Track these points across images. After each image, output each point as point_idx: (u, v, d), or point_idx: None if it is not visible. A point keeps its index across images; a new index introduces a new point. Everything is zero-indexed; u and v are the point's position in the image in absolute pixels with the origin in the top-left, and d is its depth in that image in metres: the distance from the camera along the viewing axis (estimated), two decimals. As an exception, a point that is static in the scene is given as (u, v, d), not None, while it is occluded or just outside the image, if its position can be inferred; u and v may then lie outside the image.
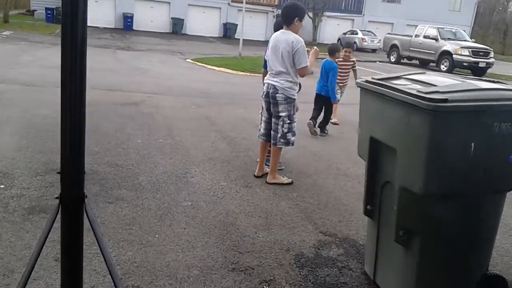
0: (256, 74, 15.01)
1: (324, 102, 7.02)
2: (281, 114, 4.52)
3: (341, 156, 5.99)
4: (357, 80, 2.92)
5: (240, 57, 19.35)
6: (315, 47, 4.81)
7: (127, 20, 29.66)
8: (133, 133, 6.18)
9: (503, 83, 2.73)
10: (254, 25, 32.71)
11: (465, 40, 20.93)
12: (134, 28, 29.77)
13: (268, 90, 4.55)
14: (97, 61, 12.74)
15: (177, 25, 31.14)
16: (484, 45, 22.66)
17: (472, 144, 2.38)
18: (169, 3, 31.62)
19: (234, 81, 13.21)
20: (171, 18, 31.39)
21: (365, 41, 31.91)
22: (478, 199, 2.55)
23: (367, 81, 2.82)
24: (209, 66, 16.02)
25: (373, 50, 31.47)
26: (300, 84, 4.72)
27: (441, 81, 2.57)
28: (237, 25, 31.56)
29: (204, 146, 5.88)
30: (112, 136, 5.90)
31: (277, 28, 4.89)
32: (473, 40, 22.33)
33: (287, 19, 4.43)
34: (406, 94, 2.39)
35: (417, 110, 2.32)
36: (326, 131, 7.20)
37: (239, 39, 19.98)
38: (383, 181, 2.79)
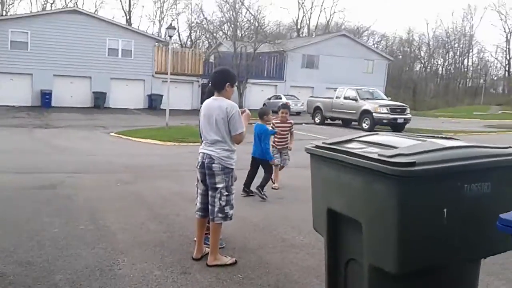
0: (184, 144, 14.61)
1: (261, 164, 6.92)
2: (218, 185, 4.13)
3: (284, 225, 5.59)
4: (305, 146, 2.60)
5: (167, 127, 18.98)
6: (246, 110, 4.52)
7: (45, 97, 28.36)
8: (49, 221, 5.39)
9: (457, 139, 2.54)
10: (179, 95, 32.75)
11: (382, 99, 22.20)
12: (53, 104, 28.47)
13: (204, 160, 4.18)
14: (11, 141, 11.71)
15: (99, 99, 30.33)
16: (391, 99, 24.25)
17: (445, 210, 2.10)
18: (90, 77, 30.93)
19: (162, 153, 12.69)
20: (93, 92, 30.59)
21: (289, 105, 33.06)
22: (457, 270, 2.24)
23: (317, 147, 2.51)
24: (135, 139, 15.40)
25: (298, 113, 32.52)
26: None
27: (399, 142, 2.32)
28: (162, 95, 31.41)
29: (133, 229, 5.23)
30: (23, 227, 5.08)
31: (209, 95, 4.60)
32: (390, 98, 23.77)
33: (218, 85, 4.18)
34: (366, 159, 2.09)
35: (381, 177, 2.01)
36: (265, 196, 6.80)
37: (165, 109, 19.69)
38: (346, 258, 2.42)
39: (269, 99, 35.45)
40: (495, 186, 2.18)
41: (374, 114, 20.00)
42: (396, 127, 20.23)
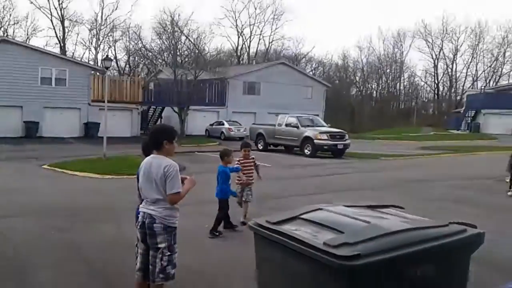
0: (124, 176, 14.04)
1: (219, 202, 7.24)
2: (159, 245, 3.96)
3: (230, 273, 5.39)
4: (249, 223, 2.53)
5: (105, 158, 18.22)
6: (192, 176, 4.37)
7: (-30, 128, 26.62)
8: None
9: (402, 211, 2.57)
10: (118, 123, 31.87)
11: (322, 126, 22.78)
12: (-20, 136, 26.75)
13: (144, 220, 4.02)
14: None
15: (31, 128, 28.91)
16: (336, 126, 24.98)
17: (391, 297, 2.09)
18: (21, 107, 29.48)
19: (100, 188, 12.09)
20: (24, 122, 29.15)
21: (232, 131, 33.21)
22: None
23: (261, 226, 2.44)
24: (70, 172, 14.57)
25: (241, 138, 32.62)
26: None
27: (343, 223, 2.30)
28: (99, 123, 30.41)
29: (69, 291, 4.86)
30: None
31: (145, 147, 4.57)
32: (329, 125, 24.41)
33: (155, 144, 4.09)
34: (312, 248, 2.05)
35: (326, 268, 1.98)
36: (217, 233, 7.02)
37: (102, 137, 18.98)
38: None
39: (211, 125, 35.45)
40: (437, 267, 2.21)
41: (315, 141, 20.49)
42: (337, 152, 20.81)
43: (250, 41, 65.09)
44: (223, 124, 34.29)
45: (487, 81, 65.62)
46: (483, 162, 19.02)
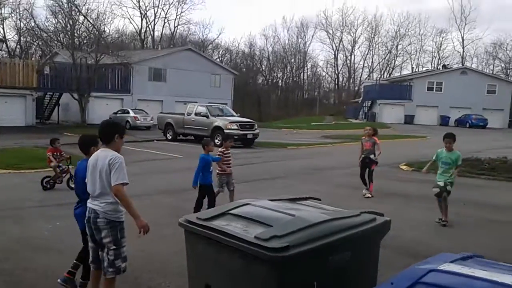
0: (22, 171, 13.11)
1: (206, 189, 7.49)
2: (104, 240, 3.97)
3: (150, 270, 5.38)
4: (179, 220, 2.60)
5: (-1, 150, 16.80)
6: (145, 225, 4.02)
7: None
8: None
9: (320, 203, 2.81)
10: (10, 110, 29.53)
11: (232, 115, 23.01)
12: None
13: (90, 215, 4.04)
14: None
15: None
16: (243, 115, 25.42)
17: (315, 283, 2.31)
18: None
19: (-4, 185, 11.15)
20: None
21: (138, 119, 32.13)
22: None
23: (191, 223, 2.53)
24: (-45, 168, 13.25)
25: (147, 128, 31.85)
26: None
27: (272, 218, 2.46)
28: (-15, 111, 27.95)
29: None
30: None
31: (81, 144, 4.69)
32: (238, 114, 24.72)
33: (106, 137, 4.10)
34: (244, 242, 2.20)
35: (259, 260, 2.14)
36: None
37: (-9, 127, 17.41)
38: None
39: (115, 113, 33.88)
40: (353, 252, 2.48)
41: (225, 131, 20.61)
42: (246, 142, 21.17)
43: (154, 24, 63.11)
44: (128, 113, 32.97)
45: (382, 72, 70.96)
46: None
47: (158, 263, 5.52)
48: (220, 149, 8.40)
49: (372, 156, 9.44)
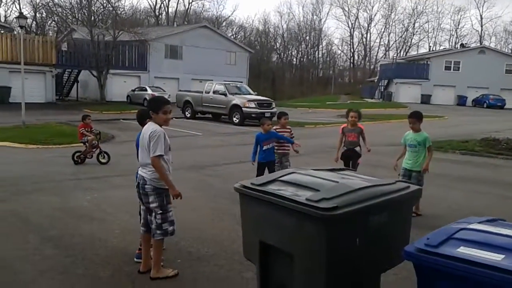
0: (50, 146, 13.63)
1: (268, 166, 7.33)
2: (151, 205, 4.36)
3: (185, 237, 5.78)
4: (235, 186, 2.94)
5: (24, 126, 17.36)
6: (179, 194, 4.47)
7: None
8: None
9: (356, 173, 3.13)
10: (30, 87, 29.87)
11: (249, 94, 23.30)
12: None
13: (139, 181, 4.44)
14: None
15: None
16: (258, 93, 25.59)
17: (357, 239, 2.65)
18: None
19: (27, 158, 11.69)
20: None
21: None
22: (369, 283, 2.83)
23: (245, 187, 2.87)
24: (-14, 142, 13.80)
25: (164, 105, 32.24)
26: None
27: (318, 183, 2.79)
28: (10, 87, 28.51)
29: (29, 256, 4.98)
30: None
31: (139, 118, 5.03)
32: (256, 93, 24.95)
33: (147, 115, 4.52)
34: (297, 203, 2.53)
35: (310, 218, 2.47)
36: None
37: (15, 103, 17.89)
38: (277, 284, 2.85)
39: (133, 90, 34.33)
40: (390, 215, 2.81)
41: (243, 109, 20.94)
42: (264, 121, 21.42)
43: (168, 1, 63.11)
44: (146, 90, 33.32)
45: (398, 51, 70.18)
46: (396, 130, 20.79)
47: (195, 231, 5.92)
48: (273, 128, 7.77)
49: (358, 149, 7.64)
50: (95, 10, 34.14)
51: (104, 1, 34.16)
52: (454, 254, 2.20)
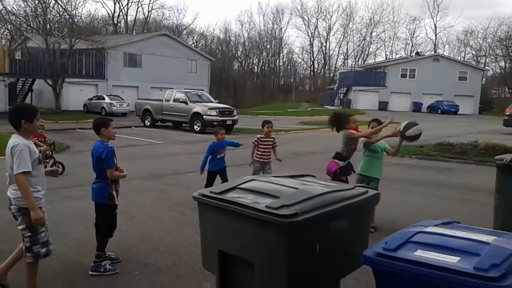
0: (1, 157, 13.07)
1: (220, 174, 7.41)
2: (19, 227, 3.96)
3: (144, 247, 5.64)
4: (193, 194, 2.87)
5: (-25, 138, 16.56)
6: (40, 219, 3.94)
7: None
8: None
9: (316, 179, 3.12)
10: (-18, 96, 28.83)
11: (210, 101, 23.16)
12: None
13: (9, 203, 4.02)
14: None
15: None
16: (220, 100, 25.52)
17: (318, 245, 2.64)
18: None
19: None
20: None
21: (114, 106, 31.78)
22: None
23: (204, 195, 2.80)
24: None
25: (123, 114, 31.60)
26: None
27: (278, 190, 2.76)
28: (-41, 98, 27.24)
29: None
30: None
31: (95, 127, 4.90)
32: (217, 101, 24.85)
33: (14, 124, 3.90)
34: (257, 210, 2.49)
35: (271, 226, 2.44)
36: None
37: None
38: (237, 293, 2.79)
39: (91, 99, 33.49)
40: (349, 220, 2.82)
41: (204, 117, 20.79)
42: (226, 128, 21.28)
43: (127, 8, 61.91)
44: (103, 99, 32.55)
45: (356, 59, 71.92)
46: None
47: (154, 241, 5.78)
48: (258, 135, 7.78)
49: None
50: (51, 18, 33.15)
51: (61, 9, 33.28)
52: (412, 257, 2.22)
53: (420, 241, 2.35)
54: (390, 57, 69.77)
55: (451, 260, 2.15)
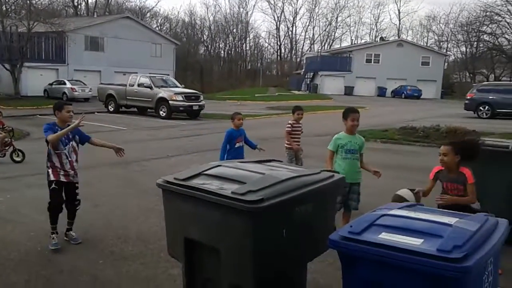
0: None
1: None
2: None
3: (108, 236, 5.51)
4: (157, 181, 2.80)
5: None
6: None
7: None
8: None
9: (282, 163, 3.11)
10: None
11: (176, 86, 22.79)
12: None
13: None
14: None
15: None
16: (186, 86, 25.18)
17: (284, 230, 2.63)
18: None
19: None
20: None
21: (76, 91, 30.89)
22: (296, 274, 2.82)
23: (169, 182, 2.74)
24: None
25: (86, 99, 30.78)
26: None
27: (244, 176, 2.72)
28: None
29: None
30: None
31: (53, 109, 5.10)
32: (183, 85, 24.46)
33: None
34: (222, 197, 2.45)
35: (236, 212, 2.41)
36: None
37: None
38: (203, 278, 2.76)
39: (51, 84, 32.41)
40: (315, 204, 2.82)
41: (170, 102, 20.47)
42: (192, 114, 21.17)
43: (89, -11, 60.03)
44: (64, 84, 31.57)
45: (323, 44, 72.34)
46: (324, 120, 21.42)
47: (119, 229, 5.67)
48: (289, 121, 7.48)
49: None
50: (7, 0, 31.68)
51: (17, -10, 31.85)
52: (376, 240, 2.24)
53: (384, 224, 2.38)
54: (356, 42, 70.60)
55: (414, 242, 2.18)
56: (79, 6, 59.97)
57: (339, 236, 2.35)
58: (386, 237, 2.26)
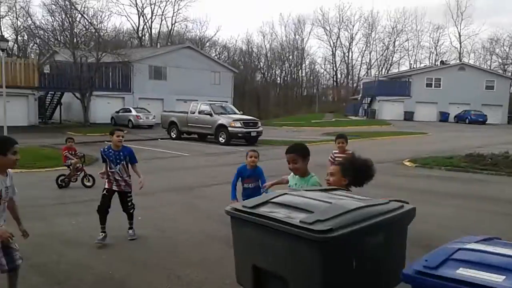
0: (34, 170, 13.40)
1: None
2: None
3: (172, 261, 5.65)
4: (225, 209, 2.86)
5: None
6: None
7: None
8: None
9: (349, 193, 3.08)
10: (13, 110, 29.57)
11: (235, 113, 23.27)
12: None
13: None
14: None
15: None
16: (244, 112, 25.57)
17: (353, 261, 2.59)
18: None
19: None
20: None
21: (140, 118, 32.36)
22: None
23: (237, 210, 2.80)
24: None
25: (150, 126, 32.06)
26: None
27: (312, 205, 2.72)
28: (-8, 111, 28.05)
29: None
30: None
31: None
32: (241, 112, 24.94)
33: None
34: (290, 225, 2.47)
35: (305, 241, 2.41)
36: None
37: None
38: (271, 309, 2.76)
39: (118, 112, 34.16)
40: (385, 235, 2.76)
41: (229, 129, 20.88)
42: (250, 140, 21.42)
43: (151, 22, 63.29)
44: (130, 112, 33.23)
45: (380, 69, 71.28)
46: (384, 146, 20.96)
47: (184, 255, 5.79)
48: (333, 151, 7.16)
49: None
50: (77, 32, 34.07)
51: (87, 23, 34.21)
52: (454, 276, 2.15)
53: (461, 259, 2.28)
54: (414, 66, 68.91)
55: (495, 279, 2.08)
56: (143, 37, 63.28)
57: (413, 270, 2.28)
58: (465, 272, 2.16)
